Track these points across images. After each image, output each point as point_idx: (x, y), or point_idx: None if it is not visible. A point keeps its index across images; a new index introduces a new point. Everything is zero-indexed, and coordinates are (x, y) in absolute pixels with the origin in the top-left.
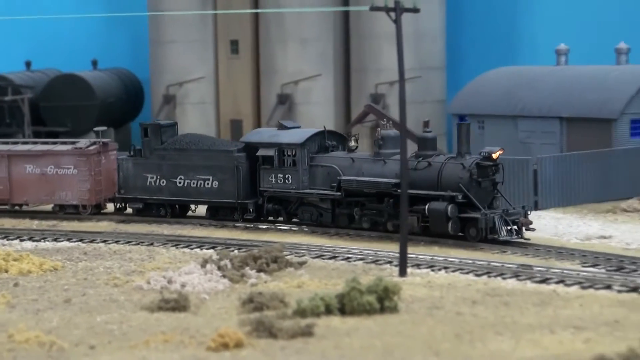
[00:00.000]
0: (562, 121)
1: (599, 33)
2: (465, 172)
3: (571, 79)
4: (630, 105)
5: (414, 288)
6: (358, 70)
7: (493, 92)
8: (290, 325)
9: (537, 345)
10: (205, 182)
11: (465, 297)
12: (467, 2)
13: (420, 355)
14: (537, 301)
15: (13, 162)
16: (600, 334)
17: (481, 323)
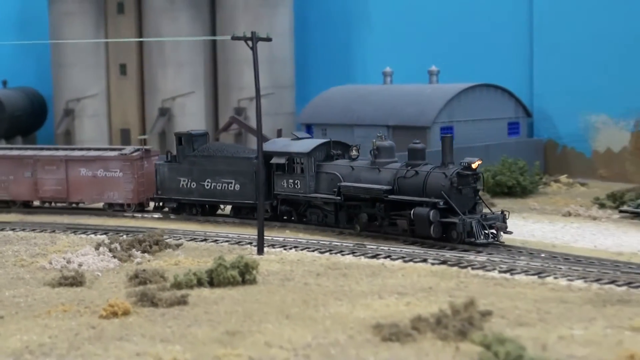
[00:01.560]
0: (389, 129)
1: (416, 58)
2: (447, 180)
3: (395, 95)
4: (440, 115)
5: (269, 264)
6: (224, 88)
7: (333, 106)
8: (168, 295)
9: (368, 308)
10: (228, 185)
11: (311, 270)
12: (311, 33)
13: (274, 317)
14: (369, 273)
15: (70, 166)
16: (418, 298)
17: (324, 291)
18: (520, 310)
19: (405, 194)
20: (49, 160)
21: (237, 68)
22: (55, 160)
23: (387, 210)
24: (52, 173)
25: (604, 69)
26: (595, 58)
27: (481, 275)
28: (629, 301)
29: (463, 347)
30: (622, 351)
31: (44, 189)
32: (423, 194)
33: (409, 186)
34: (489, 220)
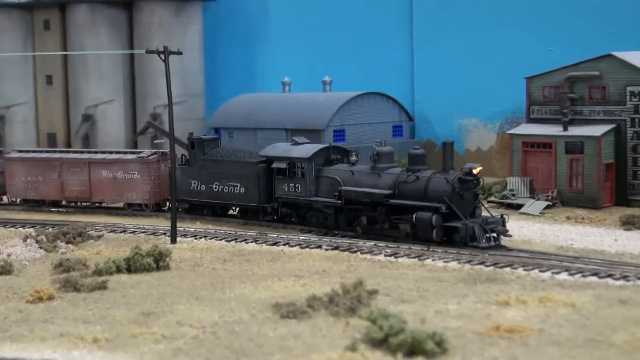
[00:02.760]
0: (288, 131)
1: (311, 69)
2: (449, 185)
3: (293, 102)
4: (333, 119)
5: (181, 252)
6: (141, 96)
7: (239, 111)
8: (89, 281)
9: (269, 290)
10: (234, 188)
11: (219, 257)
12: (219, 47)
13: (185, 299)
14: (270, 258)
15: (92, 168)
16: (313, 280)
17: (230, 275)
18: (403, 289)
19: (406, 199)
20: (74, 163)
21: (153, 78)
22: (79, 163)
23: (387, 214)
24: (76, 175)
25: (475, 79)
26: (467, 69)
27: (369, 258)
28: (496, 279)
29: (352, 322)
30: (489, 323)
31: (70, 189)
32: (424, 198)
33: (410, 191)
34: (490, 225)
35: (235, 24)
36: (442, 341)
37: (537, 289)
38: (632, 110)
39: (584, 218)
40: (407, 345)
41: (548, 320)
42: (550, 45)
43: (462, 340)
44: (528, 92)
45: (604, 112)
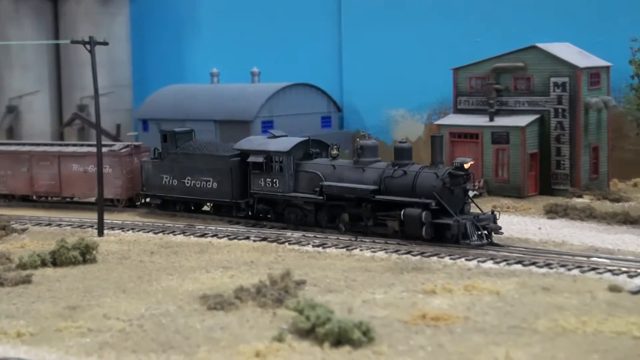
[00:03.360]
0: (216, 123)
1: (240, 61)
2: (439, 180)
3: (221, 93)
4: (261, 111)
5: (108, 244)
6: (67, 87)
7: (167, 103)
8: (13, 275)
9: (196, 281)
10: (207, 182)
11: (146, 249)
12: (147, 37)
13: (112, 292)
14: (198, 250)
15: (62, 162)
16: (241, 271)
17: (157, 267)
18: (330, 279)
19: (393, 194)
20: (43, 156)
21: (79, 70)
22: (49, 156)
23: (373, 211)
24: (46, 168)
25: (403, 70)
26: (395, 61)
27: (297, 249)
28: (422, 268)
29: (280, 313)
30: (415, 311)
31: (39, 183)
32: (412, 194)
33: (397, 186)
34: (481, 221)
35: (163, 15)
36: (369, 330)
37: (463, 278)
38: (556, 100)
39: (510, 207)
40: (334, 335)
41: (473, 308)
42: (477, 37)
43: (389, 329)
44: (455, 83)
45: (528, 103)
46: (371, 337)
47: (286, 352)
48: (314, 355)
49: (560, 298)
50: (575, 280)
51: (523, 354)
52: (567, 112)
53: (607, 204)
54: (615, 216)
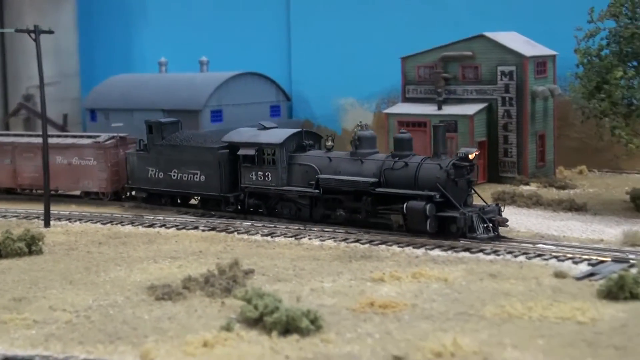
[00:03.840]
0: (165, 112)
1: (188, 50)
2: (443, 172)
3: (169, 82)
4: (210, 100)
5: (55, 235)
6: (13, 77)
7: (115, 92)
8: None
9: (144, 272)
10: (194, 176)
11: (94, 240)
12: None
13: (59, 284)
14: (146, 240)
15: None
16: (189, 261)
17: (105, 258)
18: (279, 268)
19: (394, 187)
20: (27, 147)
21: (25, 59)
22: (32, 147)
23: (373, 205)
24: (29, 160)
25: (352, 59)
26: (344, 50)
27: (246, 239)
28: (370, 257)
29: (228, 302)
30: (363, 299)
31: (23, 176)
32: (415, 186)
33: (398, 178)
34: (487, 214)
35: (111, 3)
36: (317, 318)
37: (411, 265)
38: (503, 89)
39: None
40: (282, 324)
41: (421, 296)
42: (426, 26)
43: (337, 317)
44: (403, 72)
45: (476, 92)
46: (319, 326)
47: (234, 342)
48: (262, 344)
49: (506, 284)
50: (521, 267)
51: (470, 340)
52: (514, 100)
53: (553, 191)
54: (561, 203)
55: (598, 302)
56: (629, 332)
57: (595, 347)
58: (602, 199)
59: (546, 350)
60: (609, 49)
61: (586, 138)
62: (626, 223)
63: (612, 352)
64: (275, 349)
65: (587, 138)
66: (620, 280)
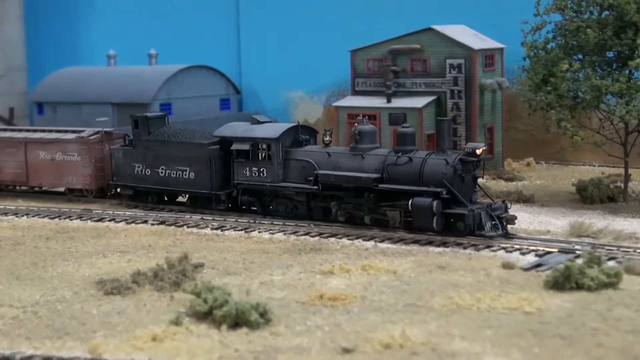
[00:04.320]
0: (113, 106)
1: (137, 43)
2: (449, 167)
3: (118, 75)
4: (159, 93)
5: (1, 230)
6: None
7: (62, 86)
8: None
9: (93, 266)
10: (183, 172)
11: (41, 234)
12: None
13: (5, 279)
14: (95, 235)
15: (29, 149)
16: (138, 255)
17: (53, 253)
18: (229, 261)
19: (397, 183)
20: (9, 142)
21: None
22: (15, 142)
23: (375, 202)
24: (12, 155)
25: (301, 52)
26: (294, 43)
27: (195, 232)
28: (320, 249)
29: (177, 296)
30: (313, 292)
31: (5, 172)
32: (420, 182)
33: (402, 174)
34: (494, 211)
35: None
36: (266, 312)
37: (360, 258)
38: (452, 82)
39: None
40: (232, 317)
41: (370, 288)
42: (375, 19)
43: (286, 309)
44: (353, 65)
45: (425, 85)
46: (268, 319)
47: (183, 336)
48: (212, 337)
49: (455, 276)
50: (470, 259)
51: (418, 332)
52: (463, 93)
53: (502, 183)
54: (509, 195)
55: (545, 292)
56: (574, 322)
57: (542, 337)
58: (549, 191)
59: (494, 341)
60: (555, 42)
61: (533, 130)
62: (572, 214)
63: (558, 341)
64: (225, 343)
65: (535, 130)
66: (566, 271)
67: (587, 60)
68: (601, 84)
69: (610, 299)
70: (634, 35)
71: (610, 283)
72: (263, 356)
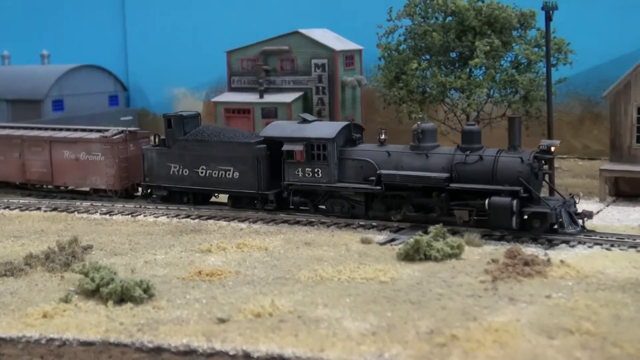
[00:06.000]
0: (8, 102)
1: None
2: (525, 166)
3: (13, 74)
4: (51, 90)
5: None
6: None
7: None
8: None
9: None
10: (226, 172)
11: None
12: None
13: None
14: None
15: (53, 148)
16: (31, 240)
17: None
18: (116, 243)
19: (467, 182)
20: (35, 141)
21: None
22: (40, 141)
23: (446, 201)
24: (37, 154)
25: (183, 51)
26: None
27: (85, 217)
28: (200, 230)
29: (67, 276)
30: (192, 269)
31: (31, 170)
32: (492, 181)
33: (472, 173)
34: (569, 207)
35: None
36: (149, 288)
37: (236, 237)
38: (317, 79)
39: None
40: (117, 294)
41: (244, 264)
42: (249, 22)
43: (168, 285)
44: (229, 64)
45: (293, 82)
46: (151, 294)
47: (72, 312)
48: (99, 313)
49: (319, 251)
50: (332, 235)
51: (286, 301)
52: (327, 89)
53: None
54: None
55: (397, 263)
56: (422, 289)
57: (394, 302)
58: None
59: (352, 307)
60: (406, 44)
61: (389, 122)
62: None
63: (409, 305)
64: (111, 317)
65: (390, 122)
66: (415, 244)
67: (433, 60)
68: (446, 81)
69: (453, 267)
70: (473, 38)
71: (454, 254)
72: (146, 328)
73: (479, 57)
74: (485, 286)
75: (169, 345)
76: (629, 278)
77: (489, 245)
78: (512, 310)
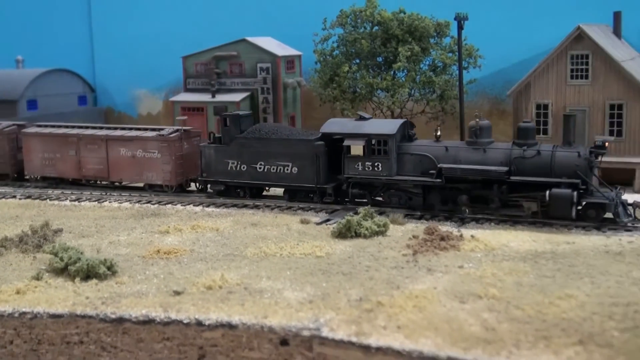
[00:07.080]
0: None
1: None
2: (582, 160)
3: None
4: (26, 91)
5: None
6: None
7: None
8: None
9: None
10: (285, 167)
11: None
12: None
13: None
14: None
15: (110, 146)
16: (7, 225)
17: None
18: (83, 226)
19: (525, 175)
20: (91, 139)
21: None
22: (97, 140)
23: (506, 193)
24: (94, 152)
25: (145, 56)
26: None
27: (57, 204)
28: (159, 214)
29: (39, 257)
30: (152, 248)
31: (87, 167)
32: (550, 174)
33: (531, 167)
34: (621, 198)
35: None
36: (112, 265)
37: (191, 219)
38: (262, 81)
39: None
40: (84, 271)
41: (198, 243)
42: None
43: (130, 263)
44: (184, 68)
45: (241, 83)
46: (115, 271)
47: (43, 288)
48: (67, 288)
49: (264, 230)
50: (276, 217)
51: (234, 275)
52: (271, 90)
53: None
54: None
55: (332, 240)
56: (353, 262)
57: (329, 274)
58: None
59: (292, 279)
60: (339, 50)
61: (325, 118)
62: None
63: (341, 277)
64: (78, 292)
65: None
66: (347, 224)
67: (362, 63)
68: (373, 82)
69: (380, 243)
70: (397, 45)
71: (380, 231)
72: (109, 301)
73: (401, 62)
74: (407, 259)
75: (130, 315)
76: (529, 250)
77: (410, 223)
78: (430, 280)
